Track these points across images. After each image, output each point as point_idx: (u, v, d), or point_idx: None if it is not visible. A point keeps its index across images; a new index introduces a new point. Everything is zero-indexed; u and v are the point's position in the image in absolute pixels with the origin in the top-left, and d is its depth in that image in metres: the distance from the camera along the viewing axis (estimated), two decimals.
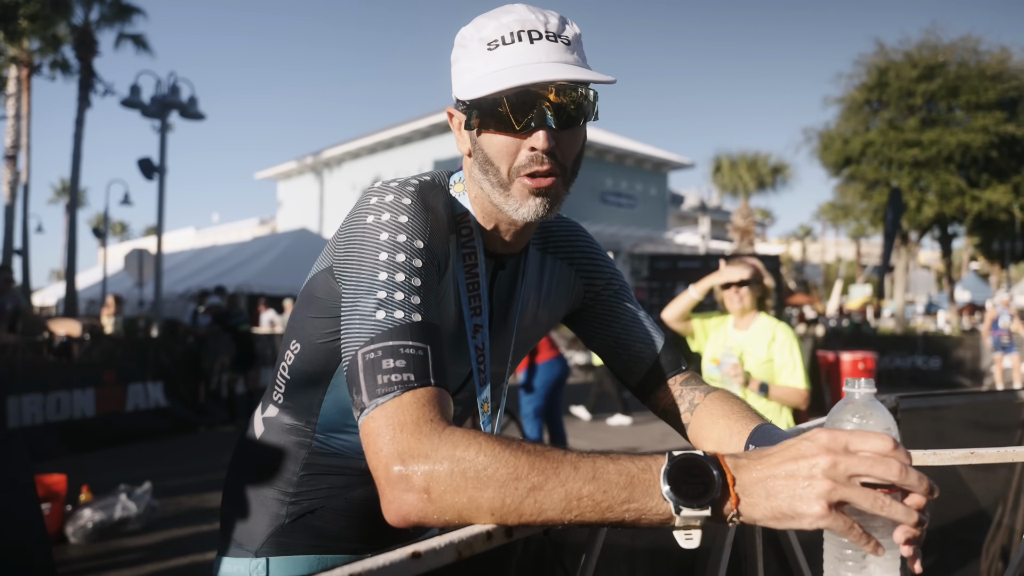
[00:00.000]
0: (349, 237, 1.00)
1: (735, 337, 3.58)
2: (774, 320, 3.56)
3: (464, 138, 1.07)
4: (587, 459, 0.77)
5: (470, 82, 1.00)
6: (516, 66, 0.97)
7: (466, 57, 1.02)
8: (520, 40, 0.98)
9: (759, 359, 3.48)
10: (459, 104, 1.05)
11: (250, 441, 1.26)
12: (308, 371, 1.16)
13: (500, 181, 1.02)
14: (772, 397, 3.42)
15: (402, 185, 1.03)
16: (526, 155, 0.99)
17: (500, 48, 0.98)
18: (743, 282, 3.51)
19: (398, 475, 0.79)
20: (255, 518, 1.21)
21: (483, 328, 1.12)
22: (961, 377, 14.74)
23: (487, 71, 0.98)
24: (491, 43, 0.98)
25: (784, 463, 0.73)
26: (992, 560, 2.01)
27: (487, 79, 0.97)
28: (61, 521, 4.70)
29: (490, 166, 1.02)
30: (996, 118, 20.59)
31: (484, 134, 1.01)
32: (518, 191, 1.01)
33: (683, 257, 17.79)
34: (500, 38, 0.98)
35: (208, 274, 19.47)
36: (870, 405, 0.82)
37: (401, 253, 0.95)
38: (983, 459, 1.35)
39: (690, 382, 1.23)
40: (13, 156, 21.36)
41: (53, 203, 56.72)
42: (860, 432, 0.74)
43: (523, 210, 1.02)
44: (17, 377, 7.14)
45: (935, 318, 31.47)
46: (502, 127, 0.99)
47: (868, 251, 49.67)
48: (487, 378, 1.13)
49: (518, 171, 1.00)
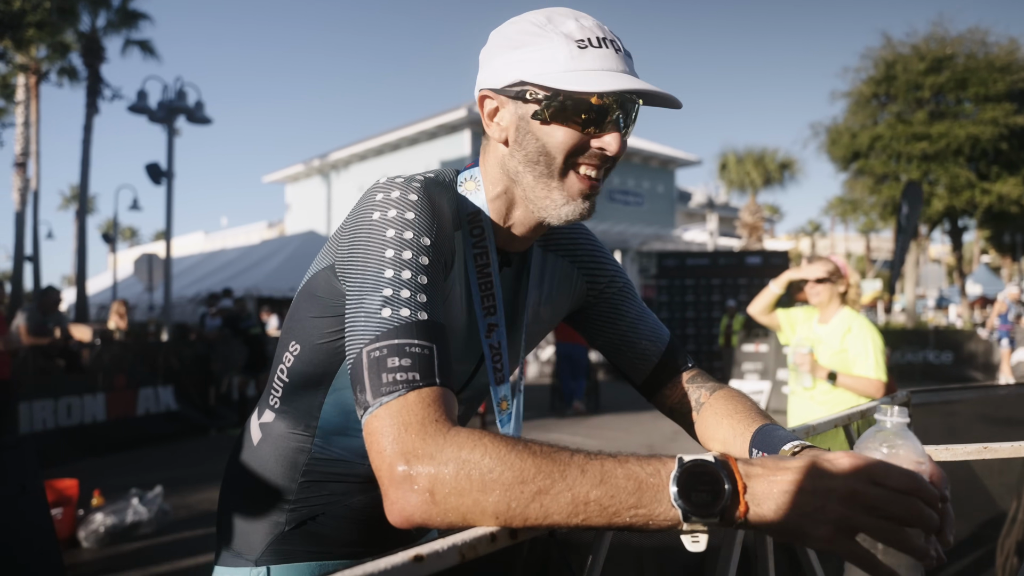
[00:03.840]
0: (353, 234, 0.99)
1: (817, 330, 3.75)
2: (854, 313, 3.70)
3: (504, 126, 1.04)
4: (595, 462, 0.75)
5: (555, 72, 0.97)
6: (609, 71, 0.97)
7: (546, 46, 0.98)
8: (607, 47, 0.99)
9: (832, 350, 3.63)
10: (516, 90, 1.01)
11: (246, 448, 1.24)
12: (308, 372, 1.13)
13: (552, 173, 1.02)
14: (841, 386, 3.54)
15: (407, 181, 1.01)
16: (591, 153, 1.00)
17: (590, 49, 0.98)
18: (820, 279, 3.67)
19: (402, 475, 0.78)
20: (254, 527, 1.18)
21: (498, 327, 1.10)
22: (973, 371, 14.63)
23: (578, 67, 0.97)
24: (580, 41, 0.98)
25: (801, 481, 0.71)
26: (1007, 555, 1.99)
27: (584, 76, 0.96)
28: (73, 526, 4.72)
29: (545, 156, 1.01)
30: (1005, 110, 20.43)
31: (550, 125, 0.99)
32: (570, 187, 1.02)
33: (691, 254, 17.72)
34: (588, 39, 0.98)
35: (217, 278, 19.54)
36: (902, 434, 0.79)
37: (408, 250, 0.94)
38: (997, 453, 1.33)
39: (696, 380, 1.22)
40: (23, 163, 21.46)
41: (63, 209, 57.05)
42: (885, 464, 0.72)
43: (567, 208, 1.03)
44: (28, 383, 7.18)
45: (946, 312, 31.29)
46: (576, 122, 0.98)
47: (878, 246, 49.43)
48: (504, 377, 1.11)
49: (575, 167, 1.01)
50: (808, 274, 3.70)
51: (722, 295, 15.78)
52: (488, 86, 1.04)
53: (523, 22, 1.02)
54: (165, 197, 13.70)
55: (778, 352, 11.01)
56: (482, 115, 1.06)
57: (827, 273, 3.67)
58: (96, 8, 20.82)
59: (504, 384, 1.11)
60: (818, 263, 3.74)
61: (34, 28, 16.62)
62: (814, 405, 3.63)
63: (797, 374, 3.73)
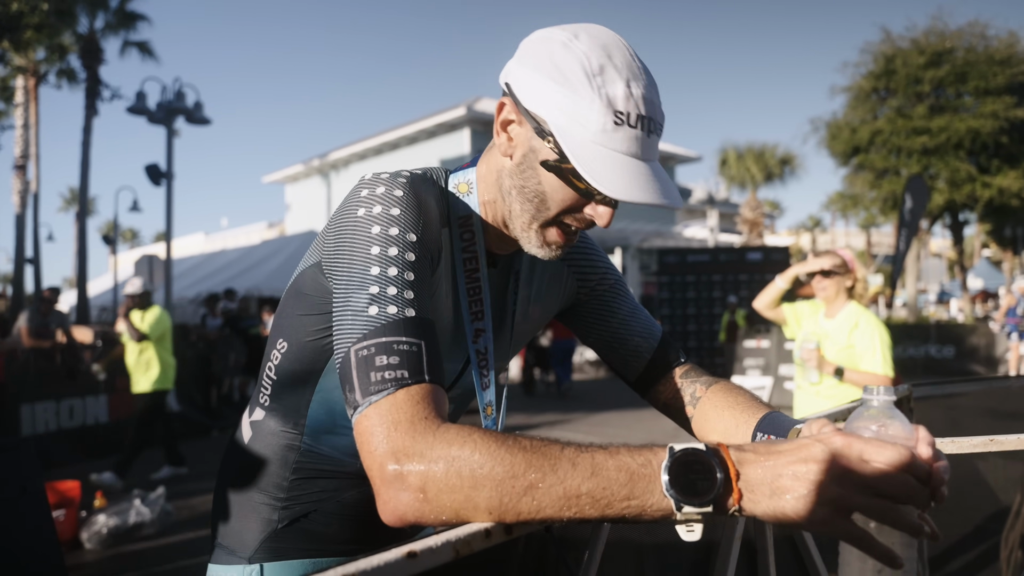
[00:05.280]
0: (339, 231, 0.98)
1: (823, 325, 3.72)
2: (861, 308, 3.66)
3: (513, 144, 1.00)
4: (585, 454, 0.75)
5: (580, 141, 0.92)
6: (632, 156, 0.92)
7: (584, 103, 0.91)
8: (642, 129, 0.92)
9: (839, 345, 3.59)
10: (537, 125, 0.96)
11: (238, 446, 1.24)
12: (295, 370, 1.13)
13: (539, 217, 1.01)
14: (848, 381, 3.52)
15: (393, 177, 1.00)
16: (578, 216, 1.00)
17: (625, 128, 0.91)
18: (827, 272, 3.64)
19: (393, 474, 0.78)
20: (247, 524, 1.18)
21: (485, 333, 1.09)
22: (975, 365, 14.63)
23: (606, 144, 0.92)
24: (619, 114, 0.91)
25: (794, 464, 0.70)
26: (1012, 549, 1.97)
27: (603, 165, 0.91)
28: (76, 527, 4.72)
29: (539, 201, 0.99)
30: (1005, 103, 20.36)
31: (555, 179, 0.97)
32: (549, 235, 1.02)
33: (692, 251, 17.71)
34: (628, 115, 0.91)
35: (218, 278, 19.53)
36: (889, 412, 0.80)
37: (393, 247, 0.93)
38: (1003, 446, 1.32)
39: (690, 374, 1.21)
40: (22, 166, 21.46)
41: (63, 211, 57.09)
42: (876, 442, 0.71)
43: (538, 250, 1.04)
44: (30, 385, 7.19)
45: (948, 306, 31.26)
46: (579, 189, 0.96)
47: (878, 240, 49.34)
48: (490, 382, 1.11)
49: (560, 221, 1.01)
50: (815, 267, 3.67)
51: (723, 291, 15.78)
52: (515, 94, 0.98)
53: (577, 55, 0.93)
54: (165, 198, 13.71)
55: (780, 348, 11.01)
56: (496, 117, 1.02)
57: (834, 267, 3.63)
58: (94, 10, 20.81)
59: (490, 389, 1.11)
60: (825, 256, 3.71)
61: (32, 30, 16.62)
62: (820, 400, 3.61)
63: (803, 369, 3.71)
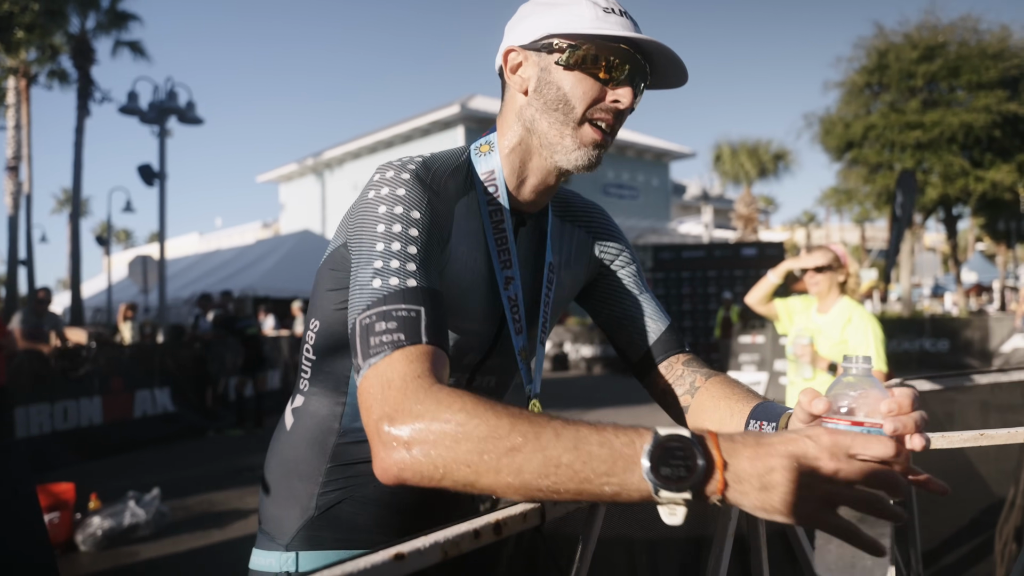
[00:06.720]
0: (355, 212, 1.06)
1: (816, 320, 3.72)
2: (854, 303, 3.67)
3: (525, 77, 1.11)
4: (570, 427, 0.77)
5: (584, 21, 1.05)
6: (627, 28, 1.06)
7: (575, 7, 1.06)
8: (627, 19, 1.08)
9: (832, 340, 3.59)
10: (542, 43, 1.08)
11: (281, 435, 1.26)
12: (330, 344, 1.16)
13: (568, 120, 1.08)
14: None
15: (405, 162, 1.08)
16: (606, 107, 1.07)
17: (613, 16, 1.06)
18: (819, 268, 3.65)
19: (386, 433, 0.81)
20: (286, 511, 1.20)
21: (515, 280, 1.14)
22: (970, 358, 14.67)
23: (603, 26, 1.04)
24: (606, 8, 1.06)
25: (783, 458, 0.71)
26: (1006, 541, 1.98)
27: (610, 29, 1.04)
28: (71, 529, 4.70)
29: (563, 104, 1.07)
30: (998, 97, 20.41)
31: (571, 72, 1.06)
32: (584, 136, 1.08)
33: (687, 247, 17.73)
34: (612, 8, 1.07)
35: (213, 278, 19.49)
36: (867, 380, 0.82)
37: (397, 224, 1.00)
38: (993, 440, 1.32)
39: (692, 364, 1.23)
40: (15, 167, 21.40)
41: (56, 213, 57.04)
42: (864, 438, 0.73)
43: (578, 153, 1.09)
44: (24, 387, 7.15)
45: (942, 300, 31.37)
46: (594, 72, 1.05)
47: (873, 235, 49.45)
48: (523, 327, 1.15)
49: (590, 116, 1.07)
50: (807, 263, 3.68)
51: (718, 287, 15.80)
52: (515, 43, 1.11)
53: None
54: (158, 199, 13.67)
55: (775, 343, 11.02)
56: (505, 70, 1.13)
57: (827, 262, 3.64)
58: (85, 10, 20.72)
59: (522, 335, 1.15)
60: (817, 252, 3.72)
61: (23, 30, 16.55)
62: None
63: (797, 365, 3.72)
